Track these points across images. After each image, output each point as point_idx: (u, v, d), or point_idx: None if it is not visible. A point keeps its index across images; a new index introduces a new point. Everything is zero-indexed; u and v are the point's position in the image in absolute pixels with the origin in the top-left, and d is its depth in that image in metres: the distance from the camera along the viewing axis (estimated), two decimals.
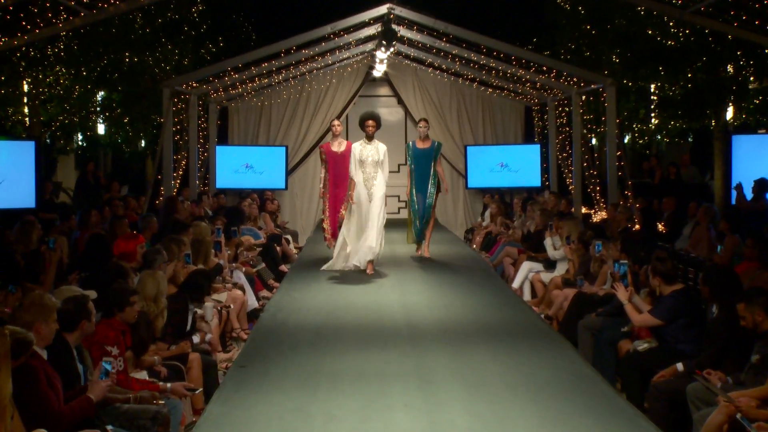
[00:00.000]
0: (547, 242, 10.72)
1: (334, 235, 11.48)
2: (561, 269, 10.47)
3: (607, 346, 7.53)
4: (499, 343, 7.41)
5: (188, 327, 7.23)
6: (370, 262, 10.63)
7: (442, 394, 5.98)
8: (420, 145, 11.98)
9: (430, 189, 11.91)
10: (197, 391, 6.24)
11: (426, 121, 12.30)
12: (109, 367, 5.11)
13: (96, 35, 14.71)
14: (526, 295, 11.01)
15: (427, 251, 12.05)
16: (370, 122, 10.81)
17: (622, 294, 7.09)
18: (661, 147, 21.28)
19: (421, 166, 11.91)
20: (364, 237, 10.54)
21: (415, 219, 12.00)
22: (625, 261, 7.48)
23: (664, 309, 6.76)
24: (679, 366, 6.23)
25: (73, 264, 8.43)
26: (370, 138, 10.81)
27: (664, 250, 7.84)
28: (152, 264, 7.48)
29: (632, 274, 7.56)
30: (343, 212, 10.85)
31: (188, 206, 12.94)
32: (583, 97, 14.89)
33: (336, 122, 11.97)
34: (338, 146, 11.61)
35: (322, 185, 11.72)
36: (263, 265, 11.62)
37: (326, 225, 11.81)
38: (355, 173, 10.71)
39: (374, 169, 10.69)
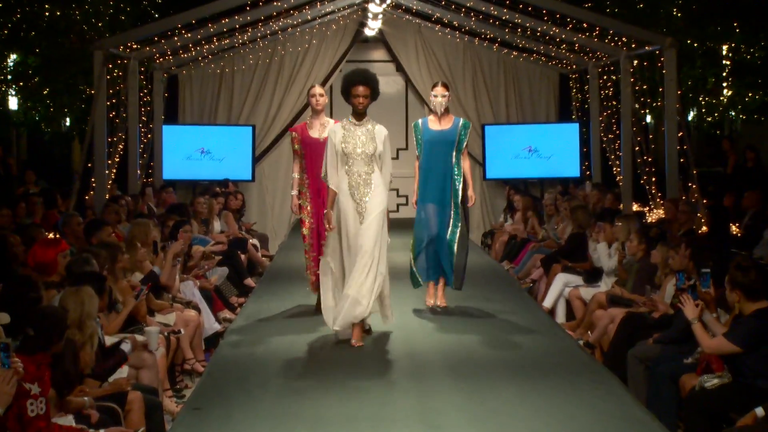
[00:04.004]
0: (601, 248, 10.68)
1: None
2: (607, 283, 10.46)
3: (666, 381, 7.52)
4: (526, 379, 7.42)
5: None
6: (358, 325, 8.44)
7: None
8: (435, 124, 9.93)
9: (453, 197, 9.86)
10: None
11: (445, 86, 10.03)
12: (5, 361, 5.01)
13: None
14: (561, 317, 11.01)
15: (443, 298, 10.01)
16: (361, 89, 8.55)
17: (689, 309, 7.04)
18: (735, 126, 21.29)
19: (438, 157, 9.83)
20: (348, 284, 8.41)
21: (421, 248, 9.90)
22: (707, 269, 7.42)
23: (744, 332, 6.72)
24: (759, 411, 6.21)
25: None
26: (360, 115, 8.60)
27: (746, 258, 7.80)
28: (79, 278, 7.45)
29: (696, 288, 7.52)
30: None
31: (129, 202, 12.92)
32: (635, 62, 14.87)
33: (317, 89, 9.77)
34: (320, 129, 9.66)
35: (295, 192, 9.76)
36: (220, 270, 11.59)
37: (308, 260, 9.78)
38: (333, 175, 8.57)
39: (367, 167, 8.51)
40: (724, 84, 18.01)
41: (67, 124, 21.04)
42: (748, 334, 6.70)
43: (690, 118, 20.02)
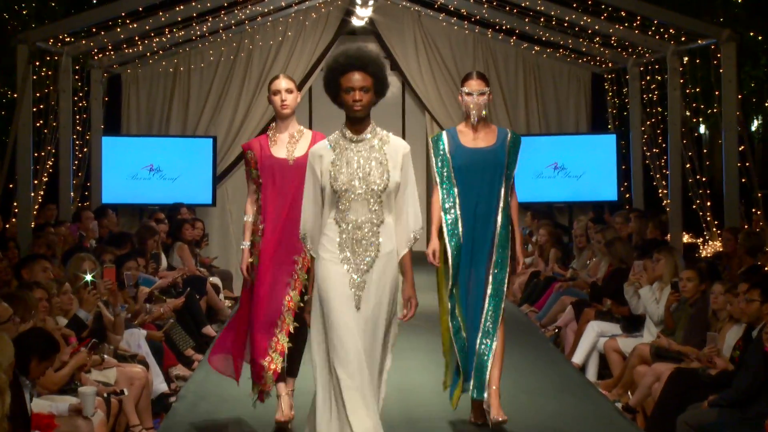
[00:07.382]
0: (644, 293, 10.65)
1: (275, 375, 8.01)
2: (651, 332, 10.45)
3: None
4: None
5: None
6: None
7: None
8: (471, 139, 8.17)
9: (496, 256, 8.07)
10: None
11: (483, 78, 8.25)
12: None
13: None
14: (593, 373, 10.98)
15: (500, 409, 7.93)
16: (357, 77, 6.31)
17: None
18: None
19: (480, 189, 8.05)
20: (343, 407, 6.19)
21: (459, 332, 8.12)
22: None
23: None
24: None
25: None
26: (358, 123, 6.43)
27: None
28: None
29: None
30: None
31: (65, 230, 12.91)
32: (685, 60, 14.95)
33: (282, 82, 7.95)
34: (290, 145, 7.95)
35: (247, 243, 8.23)
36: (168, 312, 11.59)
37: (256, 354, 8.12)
38: (315, 232, 6.55)
39: (374, 214, 6.35)
40: None
41: None
42: None
43: (753, 128, 20.12)
